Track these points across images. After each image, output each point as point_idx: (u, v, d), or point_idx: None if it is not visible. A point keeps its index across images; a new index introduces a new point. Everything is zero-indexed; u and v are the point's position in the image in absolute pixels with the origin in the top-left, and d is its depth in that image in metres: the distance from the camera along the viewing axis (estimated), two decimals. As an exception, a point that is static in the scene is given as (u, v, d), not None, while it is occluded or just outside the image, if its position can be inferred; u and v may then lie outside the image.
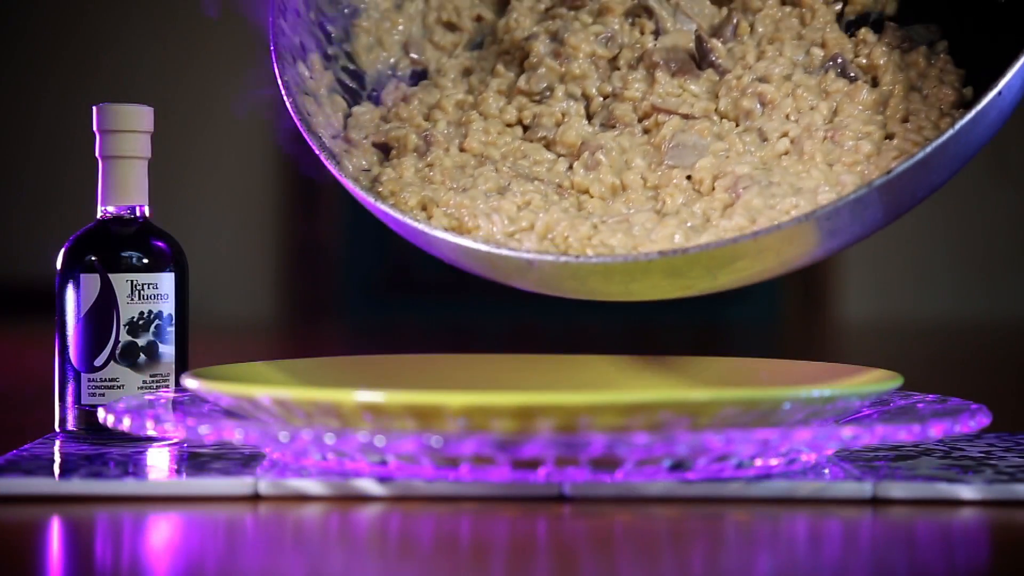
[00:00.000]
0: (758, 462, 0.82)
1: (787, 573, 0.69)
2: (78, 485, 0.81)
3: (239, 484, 0.81)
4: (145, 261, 0.97)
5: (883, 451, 0.91)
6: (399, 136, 0.98)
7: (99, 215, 0.99)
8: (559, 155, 0.97)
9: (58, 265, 0.97)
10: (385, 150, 0.99)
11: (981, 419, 0.83)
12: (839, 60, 0.97)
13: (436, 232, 0.89)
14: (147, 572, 0.68)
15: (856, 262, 3.38)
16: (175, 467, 0.86)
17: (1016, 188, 3.41)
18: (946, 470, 0.85)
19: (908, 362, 1.90)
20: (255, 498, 0.80)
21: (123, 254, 0.97)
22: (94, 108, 0.99)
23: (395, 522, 0.76)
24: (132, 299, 0.96)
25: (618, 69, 1.00)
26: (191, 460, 0.87)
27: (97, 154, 0.99)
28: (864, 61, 0.97)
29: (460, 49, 1.05)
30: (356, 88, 1.03)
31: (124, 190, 0.99)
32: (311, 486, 0.81)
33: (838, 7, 1.01)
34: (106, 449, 0.92)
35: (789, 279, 3.23)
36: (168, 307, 0.97)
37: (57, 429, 0.97)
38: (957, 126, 0.86)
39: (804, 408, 0.80)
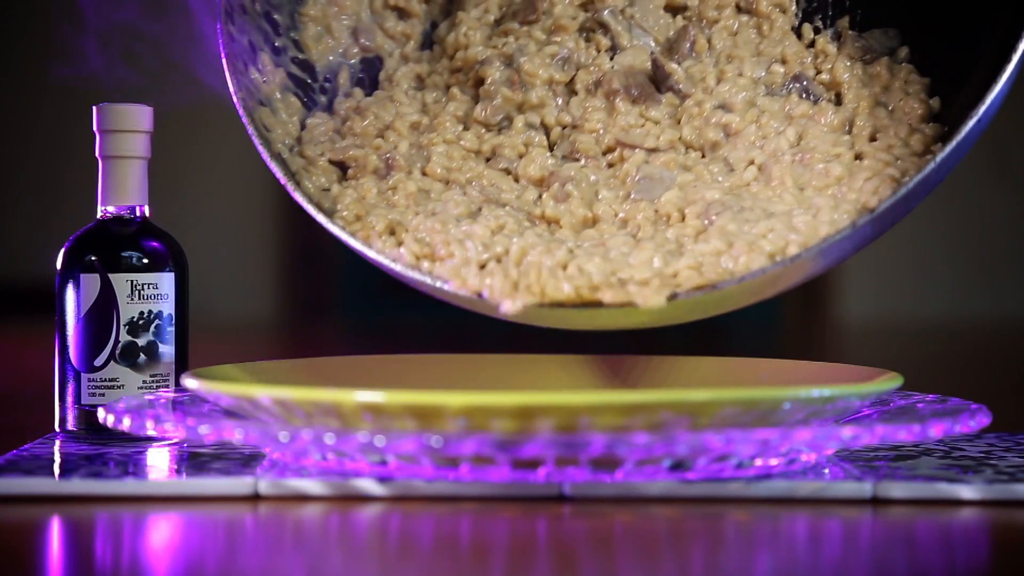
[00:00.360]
0: (758, 462, 0.82)
1: (787, 573, 0.69)
2: (78, 485, 0.81)
3: (239, 484, 0.81)
4: (145, 261, 0.97)
5: (883, 451, 0.91)
6: (357, 156, 0.96)
7: (99, 215, 0.99)
8: (525, 185, 0.95)
9: (58, 265, 0.97)
10: (342, 167, 0.96)
11: (981, 419, 0.83)
12: (802, 82, 0.95)
13: (412, 274, 0.89)
14: (147, 572, 0.68)
15: (856, 262, 3.38)
16: (175, 467, 0.86)
17: (1016, 188, 3.41)
18: (946, 470, 0.85)
19: (908, 362, 1.90)
20: (255, 498, 0.80)
21: (123, 254, 0.97)
22: (94, 108, 0.99)
23: (395, 522, 0.76)
24: (132, 299, 0.96)
25: (575, 94, 0.98)
26: (191, 460, 0.87)
27: (97, 154, 0.99)
28: (826, 77, 0.96)
29: (412, 44, 1.03)
30: (308, 80, 1.01)
31: (124, 190, 0.99)
32: (311, 486, 0.80)
33: (794, 9, 1.00)
34: (106, 449, 0.92)
35: (789, 279, 3.21)
36: (168, 307, 0.97)
37: (57, 429, 0.97)
38: (938, 159, 0.87)
39: (804, 408, 0.80)
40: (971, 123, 0.86)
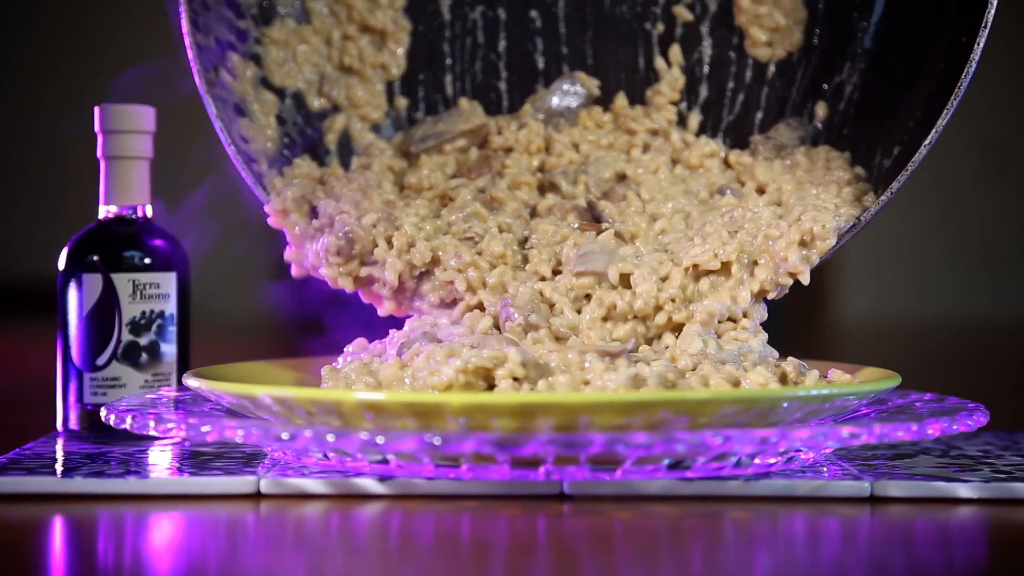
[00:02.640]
0: (757, 461, 0.82)
1: (786, 571, 0.69)
2: (80, 484, 0.81)
3: (241, 483, 0.81)
4: (147, 261, 0.97)
5: (881, 450, 0.91)
6: (330, 211, 0.97)
7: (101, 215, 0.99)
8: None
9: (60, 265, 0.98)
10: (313, 210, 0.99)
11: (979, 418, 0.84)
12: (726, 191, 0.99)
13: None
14: (149, 571, 0.68)
15: (856, 262, 3.38)
16: (177, 466, 0.86)
17: (1014, 187, 3.41)
18: (944, 469, 0.85)
19: (907, 362, 1.90)
20: (256, 496, 0.81)
21: (125, 254, 0.97)
22: (96, 108, 0.99)
23: (395, 521, 0.77)
24: (134, 299, 0.97)
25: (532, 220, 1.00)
26: (193, 459, 0.88)
27: (99, 154, 0.99)
28: (752, 184, 1.00)
29: (378, 114, 1.05)
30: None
31: (126, 190, 0.99)
32: (312, 485, 0.81)
33: (722, 153, 1.03)
34: (108, 448, 0.92)
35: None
36: (170, 306, 0.98)
37: (59, 428, 0.97)
38: (895, 188, 0.91)
39: (803, 407, 0.81)
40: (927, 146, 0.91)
